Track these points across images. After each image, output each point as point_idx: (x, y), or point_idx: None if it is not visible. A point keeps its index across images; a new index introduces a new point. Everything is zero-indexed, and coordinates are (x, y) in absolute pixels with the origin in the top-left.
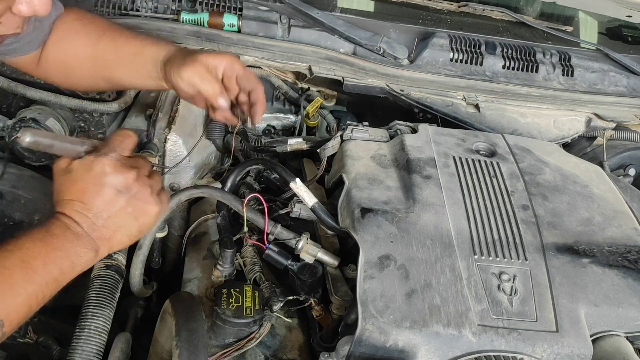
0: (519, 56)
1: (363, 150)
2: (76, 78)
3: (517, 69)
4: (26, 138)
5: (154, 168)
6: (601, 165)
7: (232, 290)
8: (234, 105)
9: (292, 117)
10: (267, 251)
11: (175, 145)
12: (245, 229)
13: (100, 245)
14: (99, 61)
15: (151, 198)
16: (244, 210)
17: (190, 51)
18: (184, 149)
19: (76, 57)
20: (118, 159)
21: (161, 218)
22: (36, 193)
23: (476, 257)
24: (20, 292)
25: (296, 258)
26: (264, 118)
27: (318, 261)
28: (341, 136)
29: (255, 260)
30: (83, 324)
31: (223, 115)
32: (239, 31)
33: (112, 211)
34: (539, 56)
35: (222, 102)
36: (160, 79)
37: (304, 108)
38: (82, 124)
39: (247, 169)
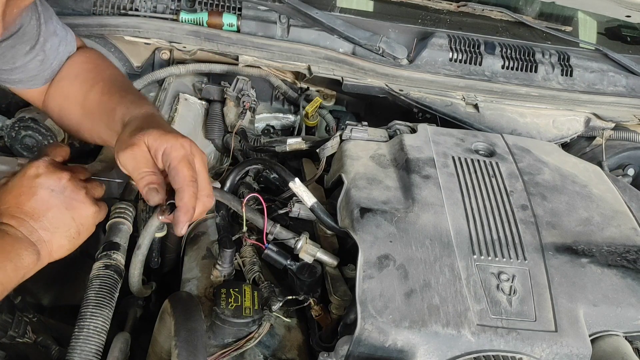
0: (518, 56)
1: (362, 150)
2: (67, 122)
3: (516, 69)
4: None
5: None
6: (600, 165)
7: (231, 290)
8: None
9: (291, 117)
10: (266, 251)
11: None
12: (245, 228)
13: (41, 248)
14: (85, 111)
15: (86, 198)
16: (243, 210)
17: (136, 128)
18: None
19: (69, 100)
20: (50, 162)
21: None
22: None
23: (475, 257)
24: None
25: (295, 258)
26: (264, 118)
27: (317, 261)
28: (340, 136)
29: (255, 260)
30: (82, 323)
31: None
32: (238, 31)
33: (48, 211)
34: (538, 56)
35: (151, 196)
36: None
37: (303, 108)
38: None
39: (246, 168)
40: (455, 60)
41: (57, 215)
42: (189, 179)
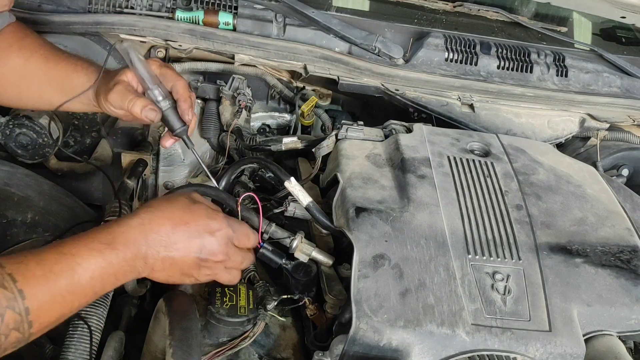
0: (513, 56)
1: (358, 149)
2: (1, 92)
3: (512, 69)
4: (125, 45)
5: None
6: (595, 165)
7: (226, 289)
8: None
9: (287, 116)
10: (261, 250)
11: None
12: None
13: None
14: (27, 79)
15: (203, 278)
16: (239, 209)
17: (112, 74)
18: (178, 147)
19: (5, 70)
20: (231, 239)
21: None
22: (29, 191)
23: (470, 256)
24: (52, 287)
25: (290, 257)
26: (260, 117)
27: (312, 260)
28: (336, 135)
29: None
30: (76, 322)
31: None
32: (234, 29)
33: (178, 254)
34: (534, 56)
35: (150, 114)
36: (92, 105)
37: (299, 107)
38: (76, 122)
39: (242, 167)
40: (451, 60)
41: (178, 265)
42: (177, 74)
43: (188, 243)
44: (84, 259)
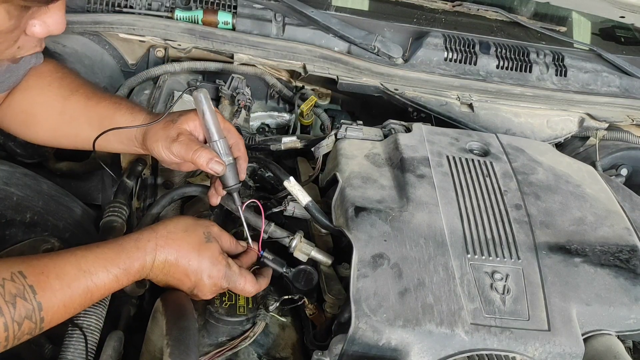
0: (512, 56)
1: (357, 149)
2: (37, 130)
3: (511, 69)
4: (199, 94)
5: None
6: (594, 165)
7: None
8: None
9: (286, 116)
10: (261, 260)
11: None
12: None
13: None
14: (66, 117)
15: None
16: (241, 212)
17: (170, 119)
18: None
19: (43, 108)
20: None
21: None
22: (28, 191)
23: (469, 256)
24: (67, 300)
25: (291, 264)
26: (259, 116)
27: (311, 259)
28: (335, 135)
29: None
30: (75, 322)
31: (217, 197)
32: (233, 29)
33: (173, 282)
34: (533, 56)
35: (216, 167)
36: (133, 146)
37: (298, 106)
38: None
39: None
40: (450, 60)
41: (192, 275)
42: (238, 133)
43: (184, 279)
44: (100, 278)
